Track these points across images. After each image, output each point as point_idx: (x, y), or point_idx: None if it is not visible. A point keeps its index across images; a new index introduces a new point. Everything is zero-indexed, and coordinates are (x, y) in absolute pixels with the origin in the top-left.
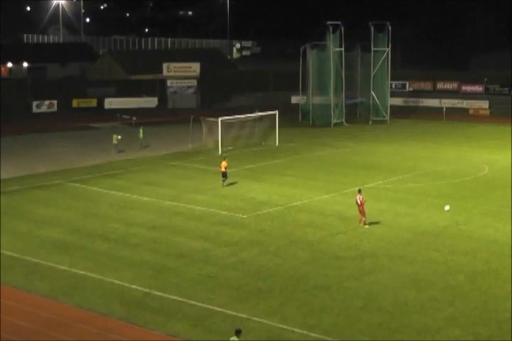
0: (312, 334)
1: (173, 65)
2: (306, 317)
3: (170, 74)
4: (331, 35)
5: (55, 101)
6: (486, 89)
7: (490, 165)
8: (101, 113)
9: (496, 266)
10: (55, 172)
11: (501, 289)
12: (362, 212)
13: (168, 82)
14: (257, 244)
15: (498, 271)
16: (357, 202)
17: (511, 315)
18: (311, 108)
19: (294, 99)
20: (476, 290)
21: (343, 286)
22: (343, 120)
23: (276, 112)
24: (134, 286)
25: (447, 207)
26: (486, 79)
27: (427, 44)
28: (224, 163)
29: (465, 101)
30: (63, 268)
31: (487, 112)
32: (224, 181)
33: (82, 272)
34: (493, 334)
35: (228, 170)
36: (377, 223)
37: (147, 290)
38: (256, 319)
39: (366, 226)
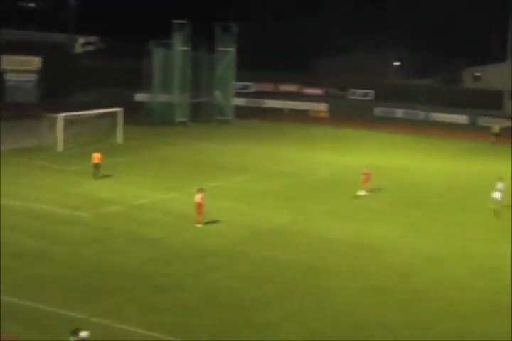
0: (152, 334)
1: (12, 58)
2: (147, 317)
3: (9, 67)
4: (177, 34)
5: None
6: (326, 92)
7: (328, 166)
8: None
9: (330, 263)
10: None
11: (335, 285)
12: (197, 211)
13: (7, 76)
14: (98, 243)
15: (333, 268)
16: (195, 201)
17: (343, 310)
18: (155, 106)
19: (139, 97)
20: (311, 286)
21: (184, 285)
22: (188, 119)
23: (120, 109)
24: None
25: (362, 193)
26: (325, 83)
27: (271, 46)
28: (97, 155)
29: (305, 103)
30: None
31: (326, 114)
32: (97, 173)
33: None
34: (326, 329)
35: (71, 168)
36: (218, 222)
37: None
38: (94, 319)
39: (199, 226)
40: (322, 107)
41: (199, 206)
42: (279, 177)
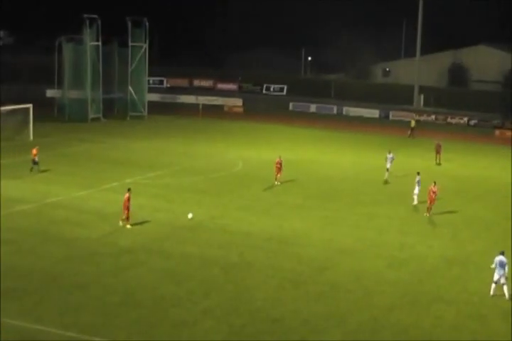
0: (68, 334)
1: None
2: (63, 317)
3: None
4: (88, 29)
5: None
6: (240, 87)
7: (243, 161)
8: None
9: (249, 258)
10: None
11: (253, 280)
12: (124, 211)
13: None
14: (10, 243)
15: (251, 263)
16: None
17: (263, 304)
18: (67, 102)
19: (50, 93)
20: (230, 281)
21: (100, 283)
22: (101, 115)
23: (31, 106)
24: None
25: (190, 215)
26: (239, 78)
27: (184, 41)
28: (34, 151)
29: (220, 99)
30: None
31: (241, 109)
32: (35, 168)
33: None
34: (245, 324)
35: None
36: (135, 218)
37: None
38: (8, 320)
39: (128, 226)
40: (237, 102)
41: (125, 206)
42: (196, 173)
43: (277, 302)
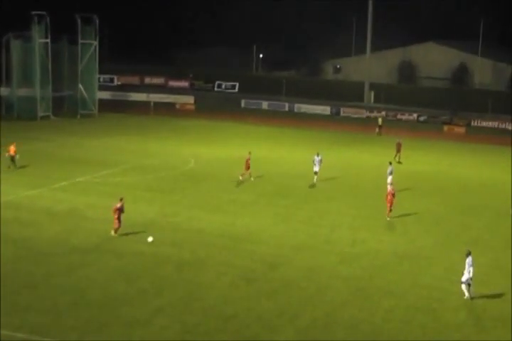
0: (18, 335)
1: None
2: (12, 318)
3: None
4: (37, 26)
5: None
6: (191, 85)
7: (195, 159)
8: None
9: (201, 256)
10: None
11: (206, 277)
12: (118, 220)
13: None
14: None
15: (204, 260)
16: (117, 209)
17: (216, 302)
18: (15, 100)
19: None
20: (183, 279)
21: (51, 283)
22: (50, 113)
23: None
24: None
25: (150, 239)
26: (191, 75)
27: (135, 39)
28: (12, 147)
29: (172, 96)
30: None
31: (192, 107)
32: (13, 165)
33: None
34: (199, 322)
35: None
36: (86, 217)
37: None
38: None
39: (115, 235)
40: (188, 100)
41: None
42: (148, 171)
43: (230, 300)
